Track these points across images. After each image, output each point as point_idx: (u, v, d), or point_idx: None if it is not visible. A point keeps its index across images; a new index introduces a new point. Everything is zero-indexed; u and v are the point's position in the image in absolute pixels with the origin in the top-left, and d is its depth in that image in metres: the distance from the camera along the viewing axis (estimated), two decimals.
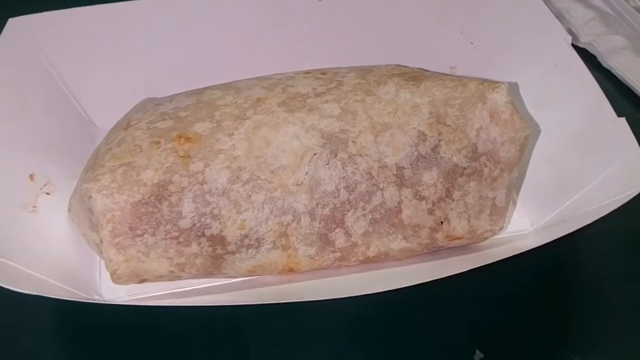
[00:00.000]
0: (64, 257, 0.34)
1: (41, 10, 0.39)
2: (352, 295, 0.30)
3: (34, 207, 0.35)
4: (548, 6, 0.42)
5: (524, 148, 0.34)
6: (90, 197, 0.31)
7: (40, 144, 0.37)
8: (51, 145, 0.38)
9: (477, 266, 0.30)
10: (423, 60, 0.43)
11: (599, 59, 0.51)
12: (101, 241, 0.31)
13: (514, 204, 0.39)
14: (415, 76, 0.36)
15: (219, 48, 0.42)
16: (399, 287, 0.29)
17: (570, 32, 0.52)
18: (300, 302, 0.30)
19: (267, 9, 0.41)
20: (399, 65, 0.38)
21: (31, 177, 0.35)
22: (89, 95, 0.41)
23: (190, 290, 0.35)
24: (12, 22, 0.38)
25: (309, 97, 0.35)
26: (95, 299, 0.34)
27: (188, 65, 0.41)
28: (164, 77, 0.41)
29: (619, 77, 0.49)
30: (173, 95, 0.38)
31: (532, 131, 0.35)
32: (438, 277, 0.29)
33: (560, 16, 0.53)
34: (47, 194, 0.36)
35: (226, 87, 0.37)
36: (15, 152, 0.35)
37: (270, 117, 0.34)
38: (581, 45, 0.51)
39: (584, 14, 0.53)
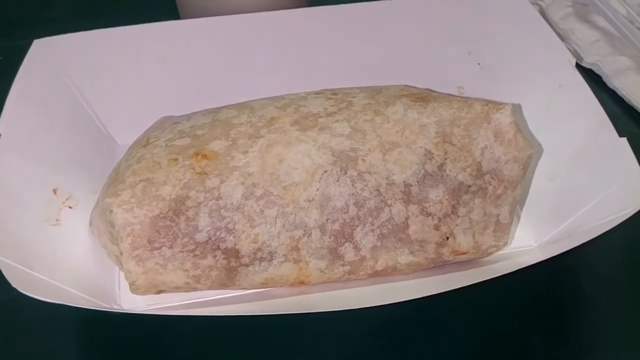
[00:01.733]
0: (85, 268, 0.36)
1: (65, 32, 0.41)
2: (361, 306, 0.31)
3: (57, 220, 0.36)
4: (553, 28, 0.43)
5: (527, 167, 0.36)
6: (112, 211, 0.33)
7: (63, 160, 0.38)
8: (73, 160, 0.39)
9: (482, 280, 0.31)
10: (432, 80, 0.45)
11: (604, 79, 0.52)
12: (121, 253, 0.33)
13: (518, 220, 0.40)
14: (423, 97, 0.37)
15: (235, 69, 0.43)
16: (407, 299, 0.31)
17: (575, 52, 0.54)
18: (310, 313, 0.31)
19: (280, 32, 0.43)
20: (407, 86, 0.40)
21: (54, 191, 0.37)
22: (110, 113, 0.43)
23: (205, 301, 0.36)
24: (37, 43, 0.39)
25: (321, 117, 0.36)
26: (115, 308, 0.35)
27: (204, 86, 0.43)
28: (181, 97, 0.42)
29: (624, 97, 0.50)
30: (190, 114, 0.39)
31: (535, 150, 0.36)
32: (444, 290, 0.31)
33: (565, 37, 0.55)
34: (70, 207, 0.37)
35: (241, 106, 0.38)
36: (41, 168, 0.36)
37: (283, 135, 0.35)
38: (586, 66, 0.53)
39: (590, 34, 0.54)
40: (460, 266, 0.37)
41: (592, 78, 0.52)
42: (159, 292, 0.35)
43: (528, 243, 0.39)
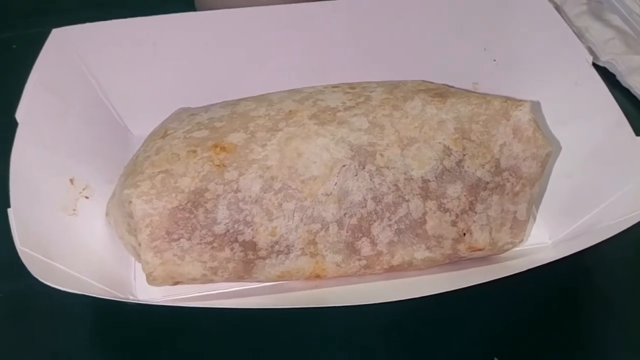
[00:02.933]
0: (101, 258, 0.36)
1: (79, 21, 0.40)
2: (377, 302, 0.31)
3: (74, 210, 0.36)
4: (569, 25, 0.43)
5: (545, 164, 0.36)
6: (131, 202, 0.33)
7: (79, 150, 0.38)
8: (90, 150, 0.39)
9: (498, 277, 0.31)
10: (447, 76, 0.45)
11: (619, 77, 0.52)
12: (139, 244, 0.33)
13: (534, 218, 0.40)
14: (441, 92, 0.37)
15: (252, 62, 0.43)
16: (422, 295, 0.31)
17: (590, 50, 0.53)
18: (326, 307, 0.31)
19: (298, 25, 0.43)
20: (424, 81, 0.40)
21: (71, 181, 0.37)
22: (126, 104, 0.43)
23: (221, 293, 0.36)
24: (55, 32, 0.39)
25: (339, 111, 0.36)
26: (131, 299, 0.35)
27: (221, 78, 0.43)
28: (198, 89, 0.42)
29: (637, 95, 0.50)
30: (208, 105, 0.39)
31: (553, 148, 0.36)
32: (460, 287, 0.31)
33: (580, 35, 0.55)
34: (86, 197, 0.37)
35: (259, 99, 0.38)
36: (58, 157, 0.36)
37: (301, 129, 0.35)
38: (601, 64, 0.53)
39: (604, 33, 0.54)
40: (475, 262, 0.37)
41: (606, 76, 0.52)
42: (176, 283, 0.35)
43: (543, 240, 0.39)
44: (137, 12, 0.42)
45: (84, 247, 0.35)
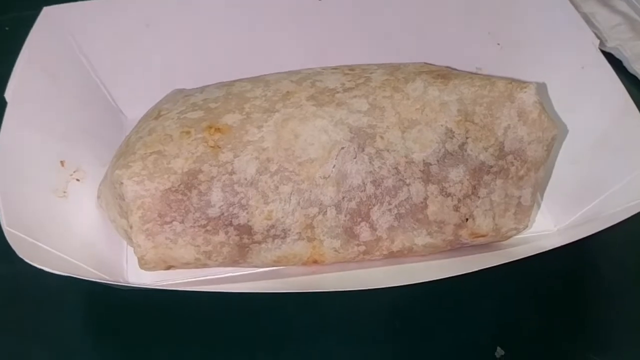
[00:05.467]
0: (92, 242, 0.35)
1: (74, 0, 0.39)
2: (376, 287, 0.30)
3: (64, 192, 0.35)
4: (576, 9, 0.42)
5: (551, 148, 0.35)
6: (122, 183, 0.32)
7: (71, 131, 0.37)
8: (81, 132, 0.38)
9: (501, 263, 0.30)
10: (450, 59, 0.43)
11: (625, 64, 0.51)
12: (131, 227, 0.32)
13: (539, 204, 0.39)
14: (443, 74, 0.36)
15: (248, 42, 0.42)
16: (423, 281, 0.30)
17: (596, 36, 0.52)
18: (323, 292, 0.30)
19: (296, 6, 0.42)
20: (426, 63, 0.39)
21: (62, 163, 0.36)
22: (119, 85, 0.42)
23: (214, 278, 0.35)
24: (46, 10, 0.38)
25: (338, 92, 0.35)
26: (120, 282, 0.34)
27: (217, 58, 0.42)
28: (193, 71, 0.41)
29: None
30: (203, 87, 0.38)
31: (559, 131, 0.35)
32: (461, 273, 0.30)
33: (586, 20, 0.53)
34: (77, 180, 0.36)
35: (255, 80, 0.37)
36: (48, 138, 0.35)
37: (299, 110, 0.34)
38: (607, 50, 0.51)
39: (611, 18, 0.53)
40: (478, 249, 0.36)
41: (613, 62, 0.50)
42: (168, 267, 0.34)
43: (548, 227, 0.38)
44: None
45: (74, 230, 0.34)
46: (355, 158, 0.33)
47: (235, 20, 0.41)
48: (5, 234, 0.28)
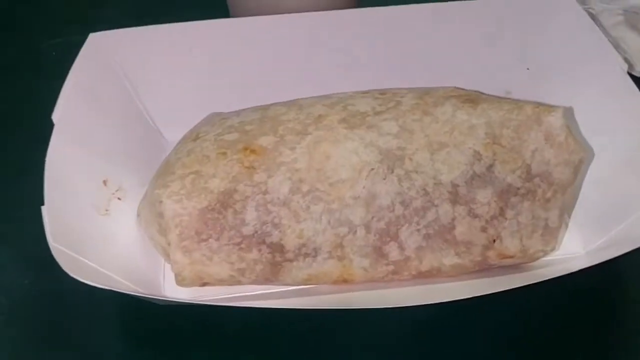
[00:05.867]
0: (132, 258, 0.37)
1: (119, 27, 0.41)
2: (404, 305, 0.30)
3: (107, 210, 0.37)
4: (605, 34, 0.43)
5: (578, 170, 0.35)
6: (161, 202, 0.33)
7: (113, 152, 0.39)
8: (123, 153, 0.40)
9: (527, 283, 0.31)
10: (479, 84, 0.44)
11: None
12: (169, 244, 0.33)
13: (566, 226, 0.39)
14: (472, 98, 0.37)
15: (283, 68, 0.44)
16: (452, 299, 0.30)
17: (625, 60, 0.52)
18: (353, 309, 0.31)
19: (329, 32, 0.43)
20: (456, 87, 0.39)
21: (104, 182, 0.38)
22: (160, 108, 0.44)
23: (248, 295, 0.36)
24: (92, 37, 0.40)
25: (368, 115, 0.36)
26: (157, 296, 0.36)
27: (253, 84, 0.43)
28: (230, 95, 0.43)
29: None
30: (239, 110, 0.40)
31: (586, 154, 0.35)
32: (490, 292, 0.30)
33: (615, 44, 0.54)
34: (119, 199, 0.38)
35: (290, 104, 0.39)
36: (92, 158, 0.37)
37: (330, 133, 0.35)
38: (636, 74, 0.52)
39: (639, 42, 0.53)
40: (506, 270, 0.36)
41: None
42: (204, 284, 0.35)
43: (576, 250, 0.38)
44: (174, 21, 0.43)
45: (114, 247, 0.36)
46: (384, 179, 0.34)
47: (271, 47, 0.43)
48: (51, 249, 0.30)
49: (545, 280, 0.31)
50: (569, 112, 0.41)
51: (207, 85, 0.43)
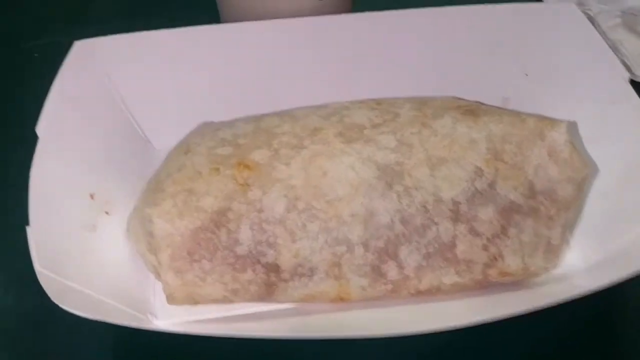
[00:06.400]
0: (120, 275, 0.35)
1: (103, 31, 0.40)
2: (404, 332, 0.29)
3: (94, 225, 0.36)
4: (603, 38, 0.42)
5: (582, 188, 0.34)
6: (152, 221, 0.32)
7: (101, 163, 0.38)
8: (110, 164, 0.39)
9: (534, 308, 0.30)
10: (476, 89, 0.43)
11: None
12: (159, 264, 0.32)
13: (568, 242, 0.38)
14: (472, 110, 0.36)
15: (276, 74, 0.42)
16: (452, 327, 0.29)
17: (624, 64, 0.52)
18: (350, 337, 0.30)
19: (322, 38, 0.42)
20: (455, 97, 0.38)
21: (92, 196, 0.36)
22: (148, 116, 0.42)
23: (242, 315, 0.35)
24: (78, 44, 0.39)
25: (365, 128, 0.35)
26: (149, 324, 0.34)
27: (244, 91, 0.42)
28: (220, 102, 0.41)
29: None
30: (231, 120, 0.39)
31: (590, 171, 0.34)
32: (496, 319, 0.29)
33: (614, 48, 0.53)
34: (106, 213, 0.37)
35: (283, 115, 0.37)
36: (78, 171, 0.36)
37: (326, 147, 0.34)
38: (636, 79, 0.51)
39: (639, 46, 0.52)
40: (506, 287, 0.35)
41: None
42: (196, 303, 0.34)
43: (575, 263, 0.37)
44: (163, 22, 0.41)
45: (103, 265, 0.34)
46: (383, 196, 0.33)
47: (262, 53, 0.41)
48: (38, 276, 0.29)
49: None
50: (572, 127, 0.40)
51: (197, 93, 0.42)
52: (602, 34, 0.54)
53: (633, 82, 0.47)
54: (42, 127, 0.35)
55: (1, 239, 0.39)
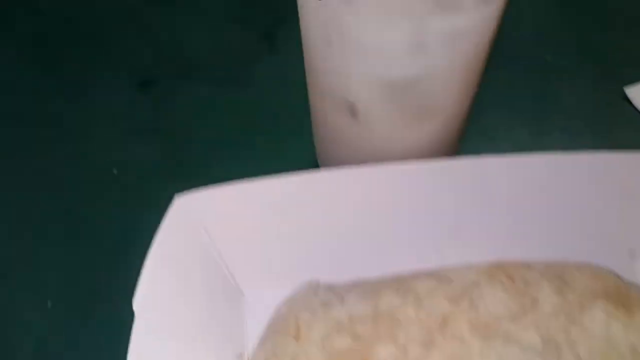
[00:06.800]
0: None
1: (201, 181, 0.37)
2: None
3: None
4: None
5: None
6: None
7: (197, 330, 0.34)
8: (207, 328, 0.35)
9: None
10: (600, 242, 0.39)
11: None
12: None
13: None
14: (623, 300, 0.31)
15: (381, 224, 0.38)
16: None
17: None
18: None
19: (430, 184, 0.37)
20: (595, 270, 0.34)
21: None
22: (243, 267, 0.39)
23: None
24: (178, 198, 0.36)
25: (504, 320, 0.31)
26: None
27: (345, 243, 0.38)
28: (318, 255, 0.38)
29: None
30: (341, 290, 0.35)
31: None
32: None
33: None
34: None
35: (400, 289, 0.33)
36: (175, 343, 0.32)
37: (461, 346, 0.30)
38: None
39: None
40: None
41: None
42: None
43: None
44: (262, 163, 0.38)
45: None
46: None
47: (364, 202, 0.37)
48: None
49: None
50: None
51: (296, 245, 0.38)
52: None
53: None
54: (139, 301, 0.31)
55: None
